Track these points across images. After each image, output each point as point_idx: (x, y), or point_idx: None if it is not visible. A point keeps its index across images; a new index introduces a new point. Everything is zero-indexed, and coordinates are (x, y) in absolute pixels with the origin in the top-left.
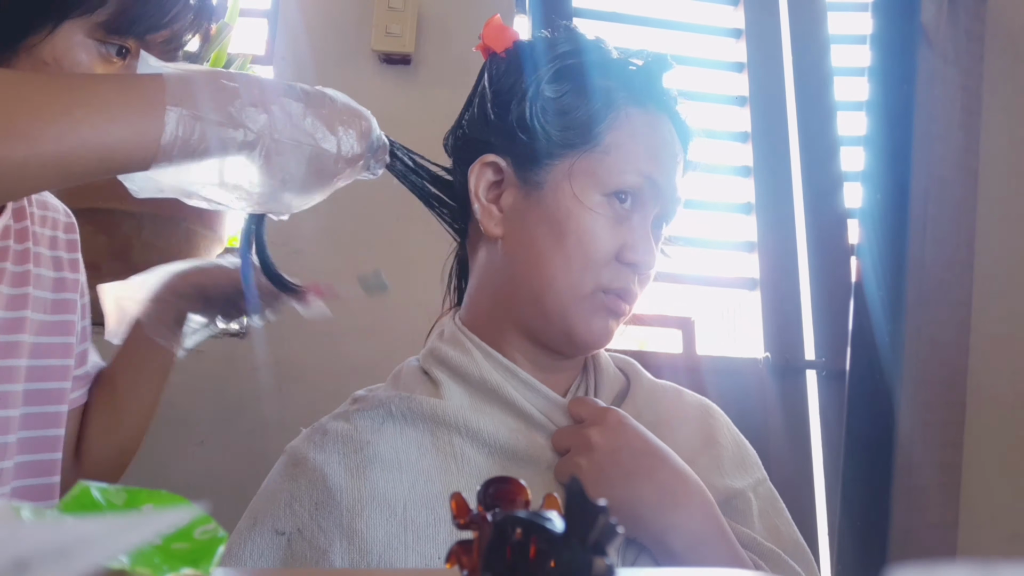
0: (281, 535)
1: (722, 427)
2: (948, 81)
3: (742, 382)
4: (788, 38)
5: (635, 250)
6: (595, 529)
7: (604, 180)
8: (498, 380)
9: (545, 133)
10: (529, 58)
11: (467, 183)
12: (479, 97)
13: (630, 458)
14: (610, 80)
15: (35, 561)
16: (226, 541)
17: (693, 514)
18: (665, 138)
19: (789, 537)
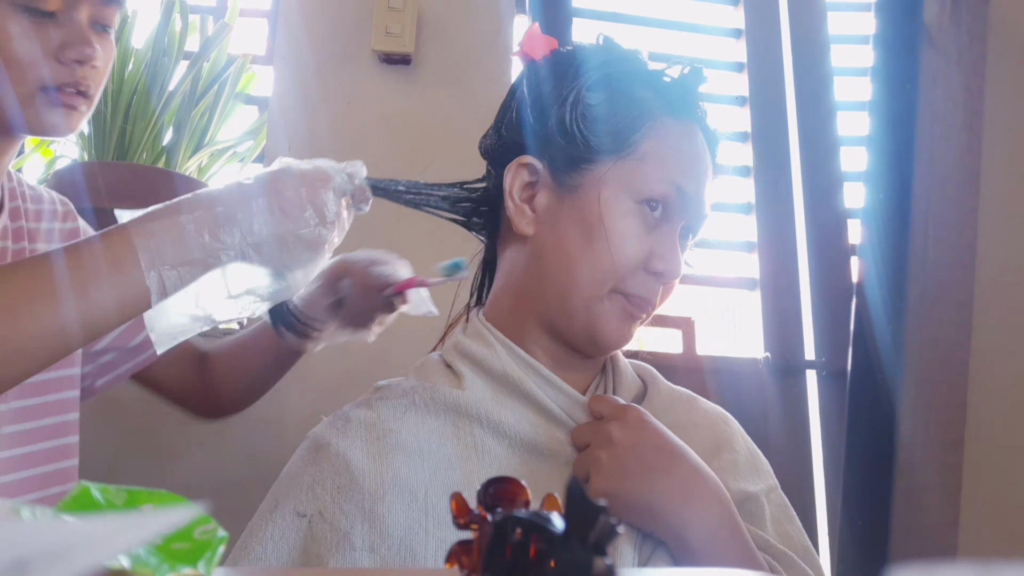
0: (303, 517)
1: (736, 435)
2: (951, 81)
3: (742, 382)
4: (788, 38)
5: (662, 259)
6: (595, 529)
7: (637, 188)
8: (520, 375)
9: (583, 138)
10: (569, 66)
11: (502, 183)
12: (518, 102)
13: (649, 453)
14: (647, 90)
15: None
16: (226, 541)
17: (710, 510)
18: (697, 149)
19: (800, 543)
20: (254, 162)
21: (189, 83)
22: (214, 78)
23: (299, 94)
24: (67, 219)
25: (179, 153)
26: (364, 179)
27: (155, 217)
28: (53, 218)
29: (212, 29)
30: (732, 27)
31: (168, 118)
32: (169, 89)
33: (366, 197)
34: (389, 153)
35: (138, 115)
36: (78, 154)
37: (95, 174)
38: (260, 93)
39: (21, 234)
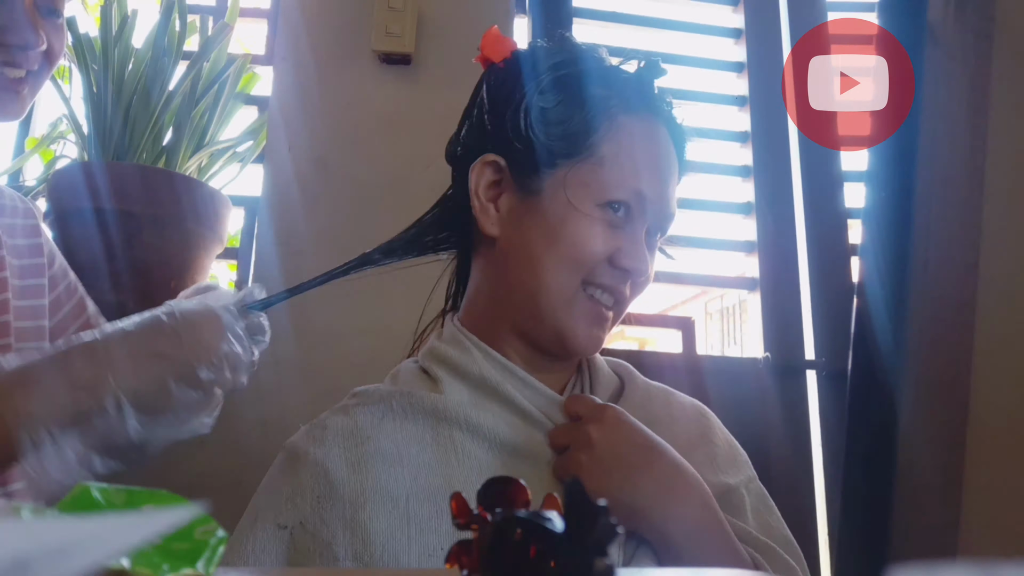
0: (283, 529)
1: (715, 427)
2: (955, 80)
3: (742, 382)
4: (788, 38)
5: (628, 255)
6: (595, 529)
7: (597, 191)
8: (497, 378)
9: (540, 143)
10: (525, 68)
11: (467, 185)
12: (477, 108)
13: (628, 452)
14: (604, 89)
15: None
16: (226, 541)
17: (691, 505)
18: (659, 147)
19: (780, 534)
20: (254, 162)
21: (189, 83)
22: (214, 78)
23: (299, 94)
24: (28, 216)
25: (179, 153)
26: (257, 303)
27: (32, 373)
28: (15, 214)
29: (212, 29)
30: (732, 27)
31: (168, 118)
32: (169, 89)
33: (262, 329)
34: (389, 153)
35: (138, 115)
36: (78, 154)
37: (95, 174)
38: (260, 93)
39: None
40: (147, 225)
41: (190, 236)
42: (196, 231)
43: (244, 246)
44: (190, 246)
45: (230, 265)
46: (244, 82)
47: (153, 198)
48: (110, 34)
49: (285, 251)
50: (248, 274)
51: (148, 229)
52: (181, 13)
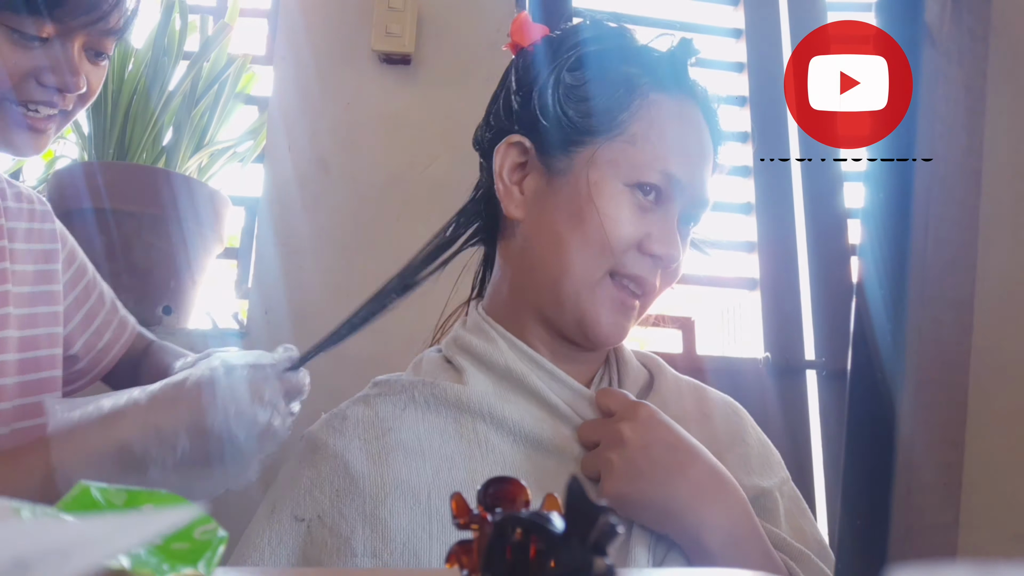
0: (301, 521)
1: (747, 425)
2: (952, 81)
3: (742, 382)
4: (788, 38)
5: (659, 241)
6: (595, 529)
7: (627, 171)
8: (523, 369)
9: (567, 119)
10: (552, 48)
11: (492, 169)
12: (504, 91)
13: (663, 454)
14: (633, 67)
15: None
16: (226, 541)
17: (728, 512)
18: (692, 128)
19: (813, 538)
20: (254, 162)
21: (189, 83)
22: (214, 78)
23: (299, 94)
24: (45, 219)
25: (179, 153)
26: (294, 360)
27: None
28: (32, 218)
29: (212, 29)
30: (732, 27)
31: (168, 118)
32: (169, 89)
33: (300, 389)
34: (389, 153)
35: (138, 115)
36: (78, 154)
37: (95, 174)
38: (260, 93)
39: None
40: (147, 225)
41: (190, 236)
42: (196, 231)
43: (244, 246)
44: (190, 246)
45: (230, 265)
46: (244, 82)
47: (153, 198)
48: None
49: (285, 251)
50: (248, 274)
51: (148, 229)
52: (181, 13)
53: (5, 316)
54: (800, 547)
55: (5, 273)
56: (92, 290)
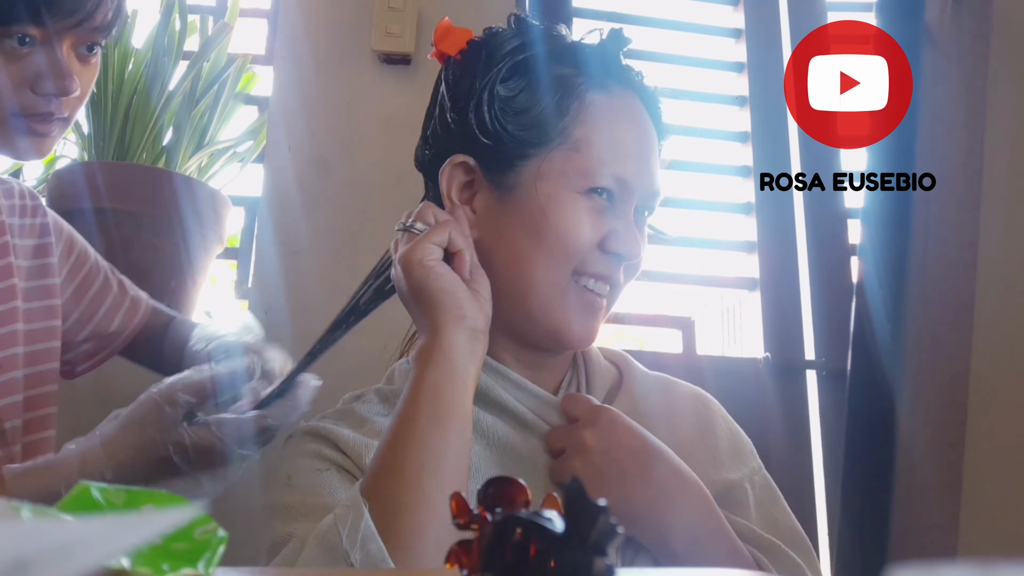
0: (325, 469)
1: (717, 417)
2: (952, 81)
3: (742, 382)
4: (788, 38)
5: (619, 238)
6: (595, 529)
7: (576, 180)
8: (487, 382)
9: (507, 135)
10: (480, 58)
11: (439, 190)
12: (439, 107)
13: (624, 458)
14: (568, 68)
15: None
16: (226, 541)
17: (691, 512)
18: (635, 122)
19: (787, 526)
20: (254, 162)
21: (189, 83)
22: (214, 78)
23: (299, 94)
24: (36, 214)
25: (179, 153)
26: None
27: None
28: (24, 213)
29: (212, 29)
30: (732, 27)
31: (168, 118)
32: (169, 89)
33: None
34: (389, 153)
35: (138, 115)
36: (78, 154)
37: (95, 174)
38: (260, 93)
39: (2, 229)
40: (147, 225)
41: (190, 236)
42: (196, 231)
43: (244, 246)
44: (190, 246)
45: (230, 265)
46: (244, 82)
47: (153, 198)
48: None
49: (285, 251)
50: (248, 274)
51: (148, 229)
52: (181, 13)
53: (14, 310)
54: (771, 538)
55: (11, 268)
56: (95, 276)
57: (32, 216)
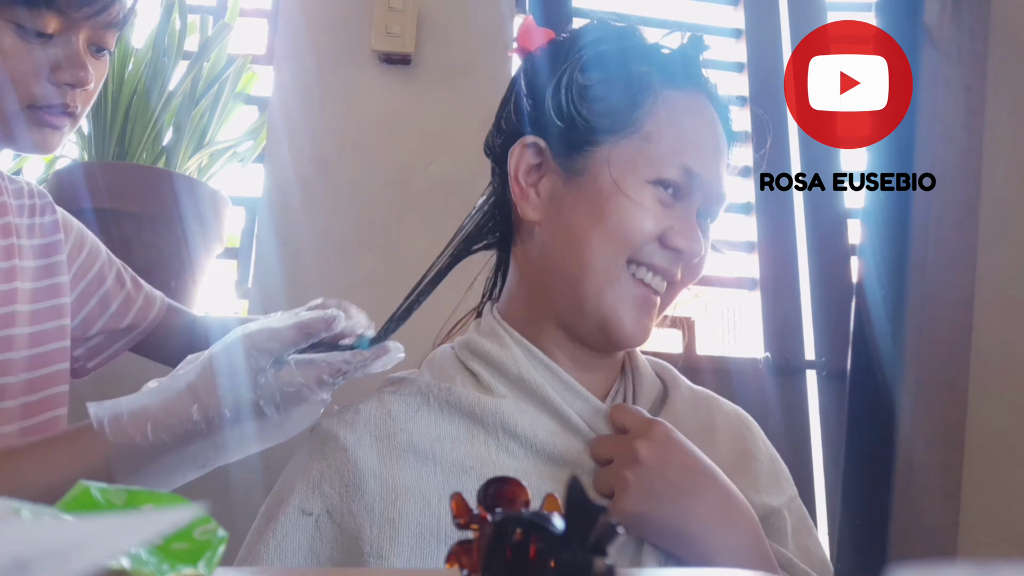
0: (308, 515)
1: (758, 440)
2: (951, 81)
3: (742, 382)
4: (788, 38)
5: (680, 235)
6: (595, 529)
7: (644, 169)
8: (537, 380)
9: (581, 119)
10: (562, 50)
11: (507, 173)
12: (515, 95)
13: (678, 475)
14: (645, 64)
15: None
16: (226, 541)
17: (741, 536)
18: (706, 122)
19: (817, 557)
20: (254, 162)
21: (189, 83)
22: (214, 78)
23: (299, 94)
24: (45, 212)
25: (179, 153)
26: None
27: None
28: (33, 212)
29: (212, 29)
30: (732, 27)
31: (168, 118)
32: (169, 89)
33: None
34: (389, 153)
35: (138, 115)
36: (78, 154)
37: (95, 174)
38: (260, 93)
39: (9, 230)
40: (147, 225)
41: (190, 236)
42: (196, 231)
43: (244, 246)
44: (190, 246)
45: (230, 265)
46: (244, 82)
47: (153, 198)
48: None
49: (285, 251)
50: (248, 274)
51: (148, 229)
52: (181, 13)
53: (12, 314)
54: (806, 569)
55: (14, 271)
56: (107, 273)
57: (41, 215)
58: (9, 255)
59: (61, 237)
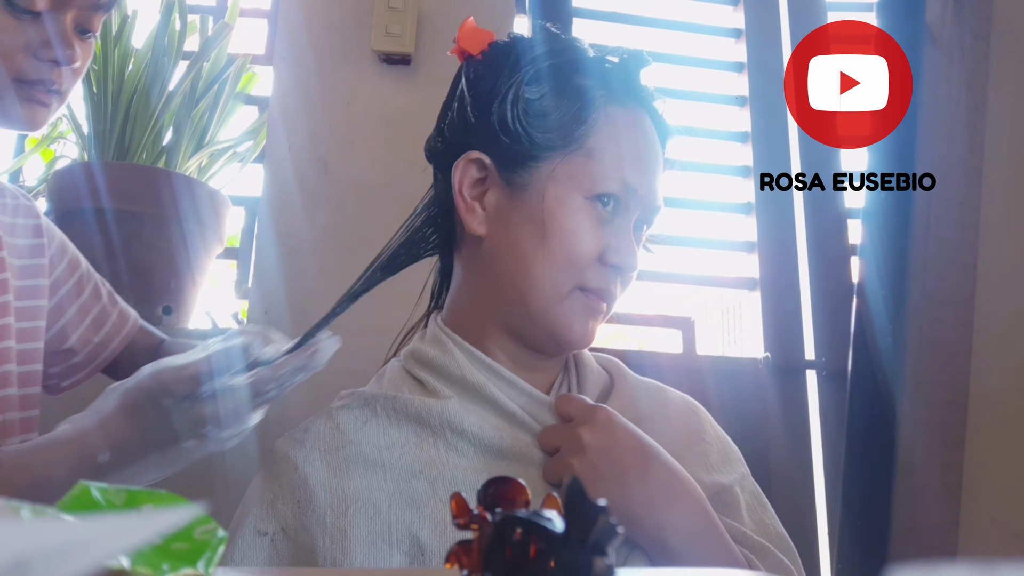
0: (264, 535)
1: (706, 424)
2: (953, 80)
3: (742, 382)
4: (788, 38)
5: (617, 252)
6: (595, 529)
7: (586, 184)
8: (480, 379)
9: (527, 136)
10: (507, 60)
11: (450, 185)
12: (458, 101)
13: (622, 457)
14: (588, 80)
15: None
16: (226, 542)
17: (687, 511)
18: (646, 139)
19: (775, 531)
20: (254, 162)
21: (189, 83)
22: (214, 78)
23: (299, 94)
24: (30, 214)
25: (179, 153)
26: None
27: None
28: (16, 212)
29: (212, 29)
30: (732, 27)
31: (168, 118)
32: (169, 89)
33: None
34: (389, 153)
35: (138, 115)
36: (78, 154)
37: (95, 174)
38: (260, 93)
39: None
40: (147, 225)
41: (190, 236)
42: (196, 231)
43: (244, 246)
44: (190, 246)
45: (230, 265)
46: (244, 82)
47: (153, 198)
48: (110, 34)
49: (285, 251)
50: (248, 274)
51: (148, 229)
52: (181, 13)
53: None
54: (761, 540)
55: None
56: (86, 283)
57: (26, 216)
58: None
59: (45, 241)
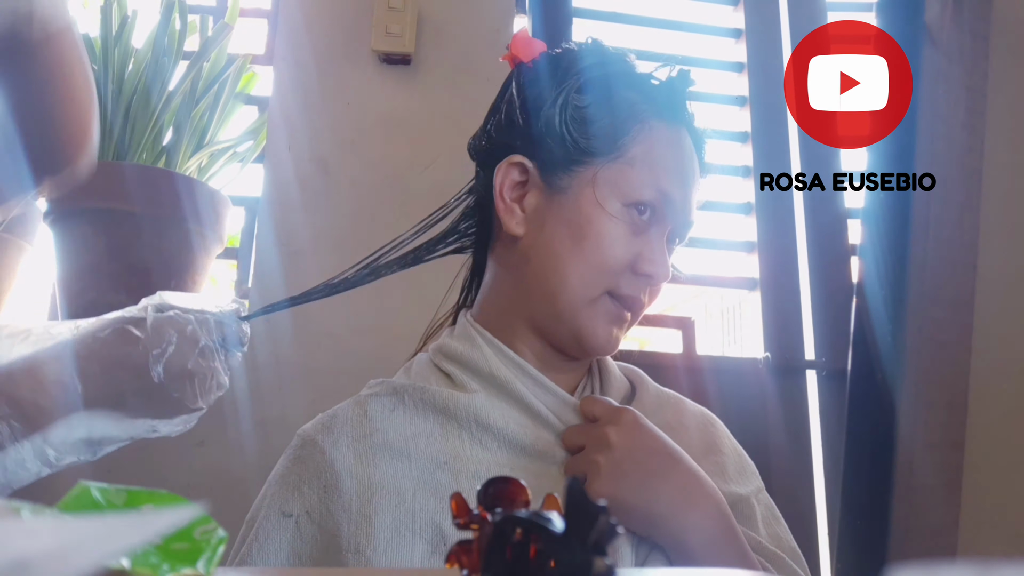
0: (288, 517)
1: (723, 436)
2: (952, 80)
3: (742, 382)
4: (788, 38)
5: (650, 261)
6: (595, 529)
7: (625, 191)
8: (507, 375)
9: (572, 140)
10: (559, 68)
11: (491, 184)
12: (507, 104)
13: (647, 458)
14: (636, 93)
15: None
16: (226, 541)
17: (709, 514)
18: (685, 154)
19: (788, 544)
20: (254, 162)
21: (189, 83)
22: (214, 78)
23: (299, 94)
24: None
25: (179, 153)
26: (240, 320)
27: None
28: None
29: (212, 29)
30: (732, 27)
31: (168, 118)
32: (169, 89)
33: (242, 340)
34: (389, 153)
35: (138, 115)
36: None
37: (95, 174)
38: (260, 93)
39: None
40: (147, 225)
41: (190, 236)
42: (196, 231)
43: (244, 246)
44: (190, 246)
45: (230, 265)
46: (244, 82)
47: (153, 198)
48: (110, 34)
49: (285, 251)
50: (248, 274)
51: (148, 229)
52: (181, 13)
53: None
54: (775, 550)
55: None
56: None
57: None
58: None
59: None
